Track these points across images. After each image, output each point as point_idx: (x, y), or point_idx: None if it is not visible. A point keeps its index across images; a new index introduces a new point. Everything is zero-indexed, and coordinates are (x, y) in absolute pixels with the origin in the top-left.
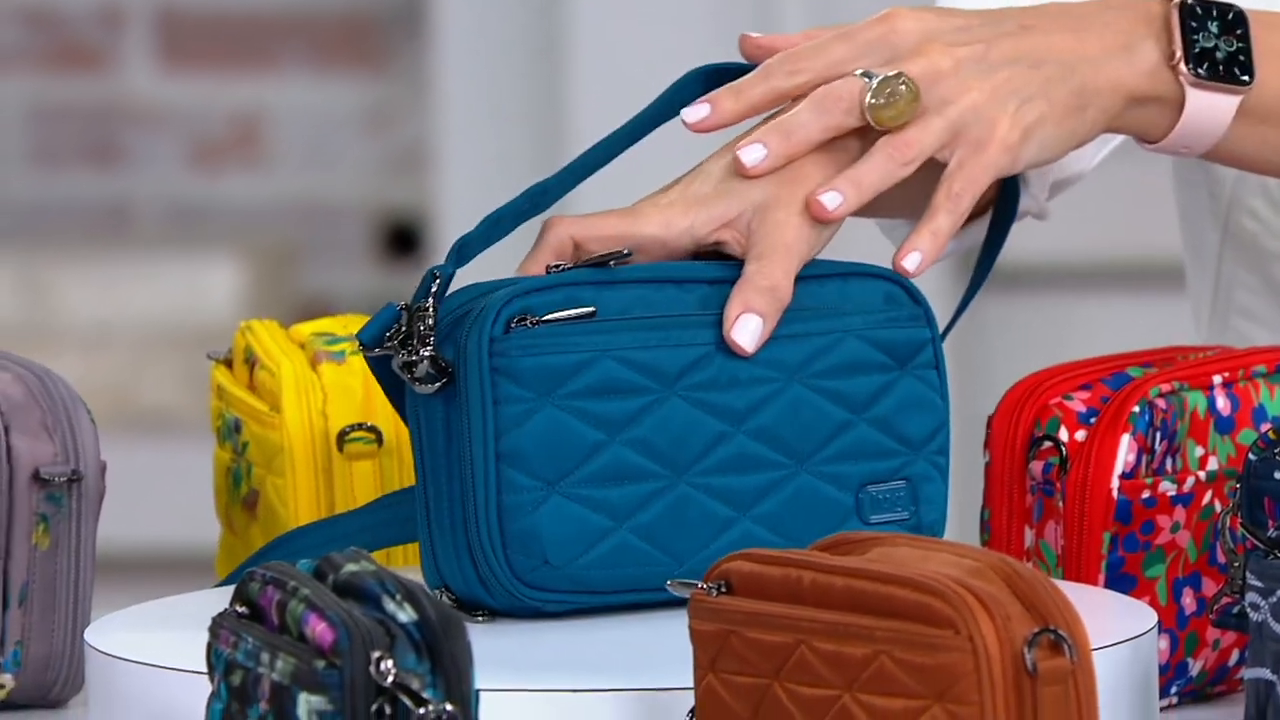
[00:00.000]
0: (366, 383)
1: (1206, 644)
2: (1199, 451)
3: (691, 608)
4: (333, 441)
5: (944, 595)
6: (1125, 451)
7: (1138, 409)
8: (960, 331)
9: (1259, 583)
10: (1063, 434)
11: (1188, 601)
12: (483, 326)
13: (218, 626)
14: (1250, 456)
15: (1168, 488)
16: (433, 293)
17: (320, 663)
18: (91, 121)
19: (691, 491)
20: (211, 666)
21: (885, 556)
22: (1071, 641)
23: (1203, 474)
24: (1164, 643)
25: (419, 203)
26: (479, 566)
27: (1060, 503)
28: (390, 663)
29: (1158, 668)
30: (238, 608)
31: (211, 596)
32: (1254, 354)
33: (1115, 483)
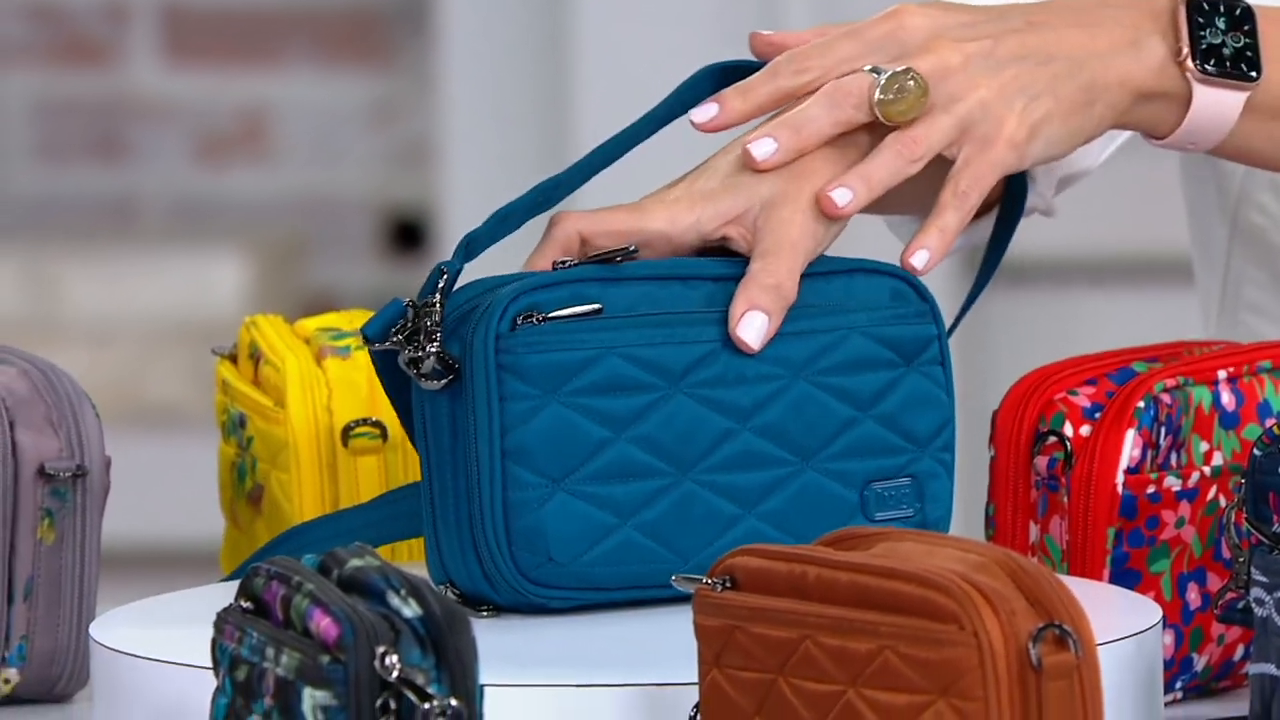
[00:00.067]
0: (371, 378)
1: (1211, 639)
2: (1204, 447)
3: (696, 603)
4: (337, 436)
5: (949, 590)
6: (1130, 447)
7: (1142, 404)
8: (965, 326)
9: (1264, 578)
10: (1067, 429)
11: (1192, 596)
12: (489, 323)
13: (222, 621)
14: (1255, 452)
15: (1172, 483)
16: (440, 289)
17: (325, 658)
18: (97, 116)
19: (697, 489)
20: (216, 661)
21: (890, 552)
22: (1076, 637)
23: (1208, 469)
24: (1169, 638)
25: (424, 198)
26: (484, 563)
27: (1065, 498)
28: (395, 658)
29: (1162, 663)
30: (242, 603)
31: (216, 591)
32: (1259, 349)
33: (1120, 478)
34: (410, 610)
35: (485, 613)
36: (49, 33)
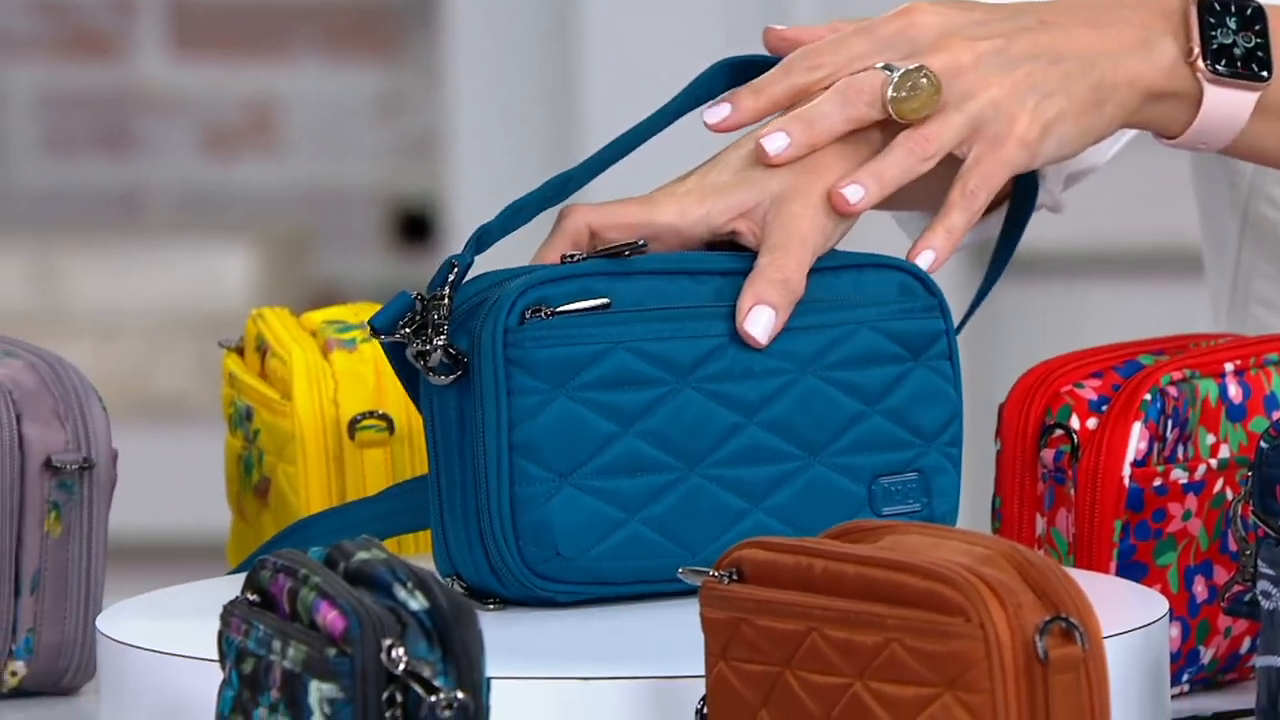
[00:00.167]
0: (378, 371)
1: (1218, 632)
2: (1210, 439)
3: (703, 596)
4: (344, 429)
5: (955, 583)
6: (1137, 439)
7: (1149, 397)
8: (973, 319)
9: (1270, 570)
10: (1074, 422)
11: (1199, 589)
12: (497, 317)
13: (229, 614)
14: (1262, 444)
15: (1179, 475)
16: (450, 282)
17: (331, 650)
18: (104, 108)
19: (704, 483)
20: (223, 654)
21: (896, 544)
22: (1083, 629)
23: (1214, 462)
24: (1175, 630)
25: (431, 190)
26: (491, 557)
27: (1072, 490)
28: (401, 651)
29: (1169, 655)
30: (249, 595)
31: (223, 584)
32: (1266, 341)
33: (1127, 470)
34: (417, 603)
35: (492, 606)
36: (56, 25)
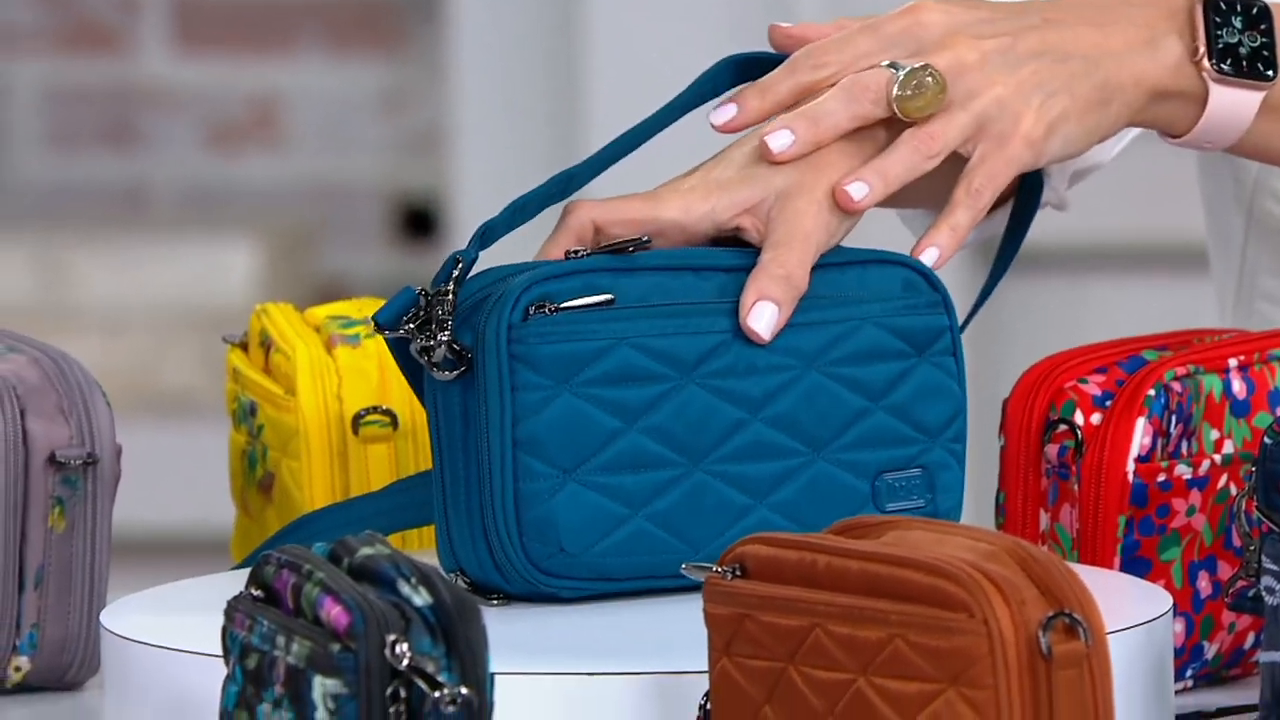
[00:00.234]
0: (381, 366)
1: (1222, 627)
2: (1214, 435)
3: (706, 591)
4: (348, 425)
5: (958, 579)
6: (1140, 435)
7: (1153, 392)
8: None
9: (1274, 566)
10: (1078, 417)
11: (1203, 585)
12: (501, 313)
13: (233, 610)
14: (1266, 440)
15: (1183, 471)
16: (454, 278)
17: (335, 646)
18: (108, 103)
19: (708, 479)
20: (227, 650)
21: (900, 540)
22: (1086, 625)
23: (1218, 457)
24: (1179, 626)
25: (435, 185)
26: (495, 553)
27: (1075, 486)
28: (405, 646)
29: (1173, 651)
30: (253, 591)
31: (227, 580)
32: (1270, 337)
33: (1130, 466)
34: (421, 599)
35: (496, 601)
36: (60, 20)
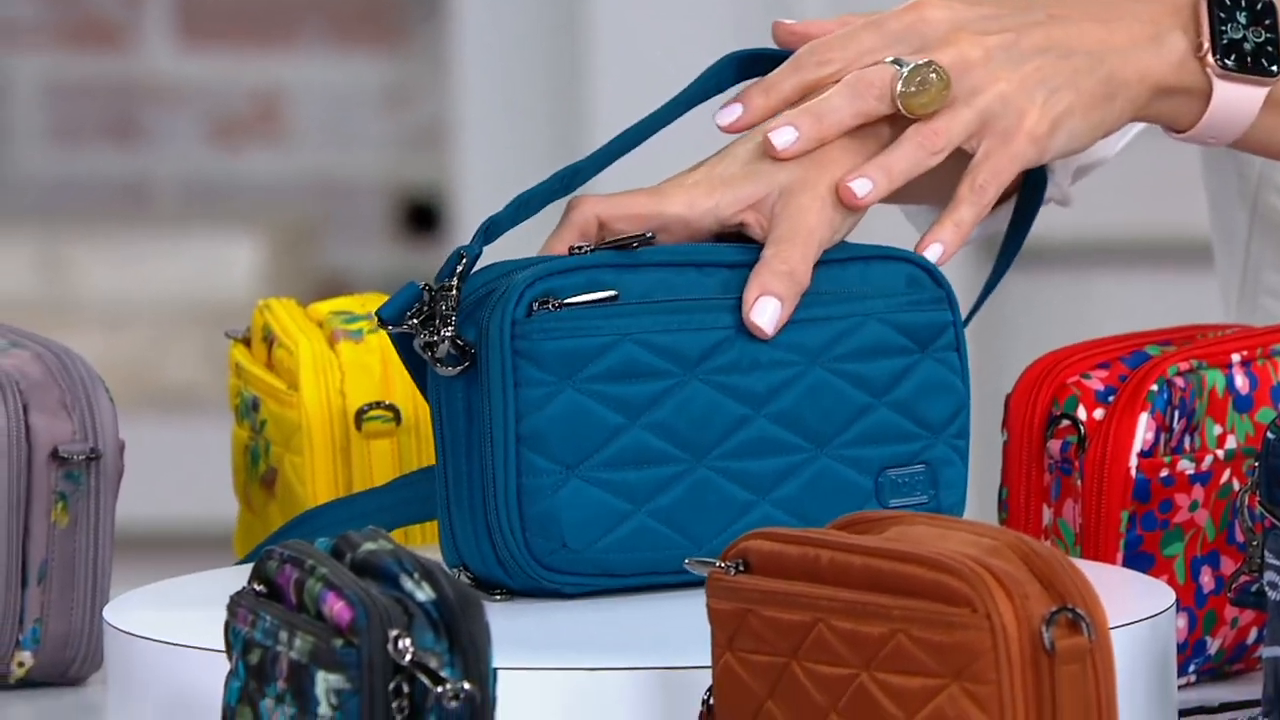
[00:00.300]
0: (384, 361)
1: (1225, 622)
2: (1217, 430)
3: (709, 586)
4: (351, 420)
5: (961, 574)
6: (1143, 430)
7: (1156, 387)
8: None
9: (1277, 561)
10: (1081, 412)
11: (1206, 580)
12: (505, 309)
13: (236, 605)
14: (1269, 435)
15: (1186, 466)
16: (458, 273)
17: (338, 641)
18: (111, 98)
19: (711, 475)
20: (229, 645)
21: (903, 535)
22: (1089, 620)
23: (1221, 452)
24: (1182, 621)
25: (437, 180)
26: (498, 548)
27: (1078, 481)
28: (408, 641)
29: (1176, 646)
30: (256, 586)
31: (230, 575)
32: (1273, 332)
33: (1133, 461)
34: (424, 594)
35: (499, 597)
36: (63, 14)
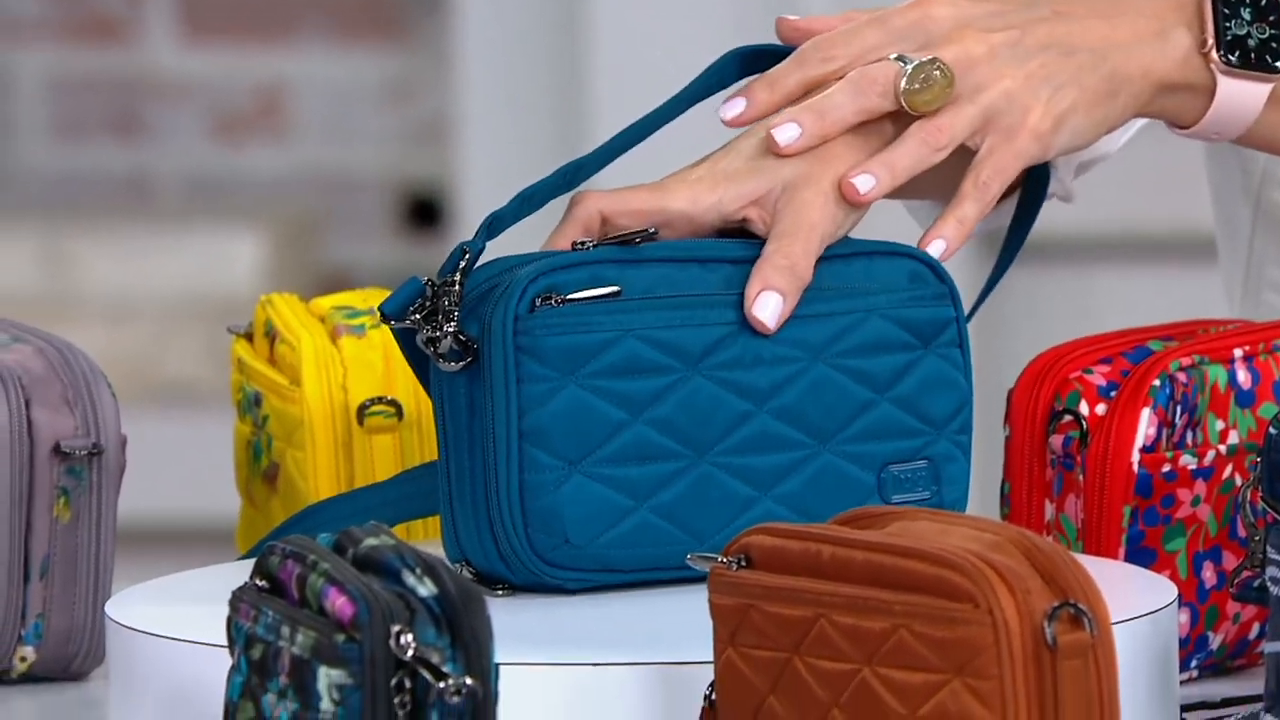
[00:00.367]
0: (387, 356)
1: (1227, 617)
2: (1219, 425)
3: (711, 582)
4: (353, 415)
5: (963, 569)
6: (1145, 425)
7: (1158, 382)
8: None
9: (1279, 556)
10: (1083, 408)
11: (1208, 575)
12: (508, 304)
13: (238, 600)
14: (1271, 430)
15: (1188, 461)
16: (460, 268)
17: (340, 636)
18: (113, 93)
19: (713, 471)
20: (231, 640)
21: (905, 531)
22: (1091, 615)
23: (1223, 448)
24: (1184, 616)
25: (440, 175)
26: (500, 544)
27: (1080, 476)
28: (410, 637)
29: (1178, 641)
30: (258, 581)
31: (232, 570)
32: (1275, 327)
33: (1135, 456)
34: (425, 589)
35: (501, 592)
36: (65, 9)
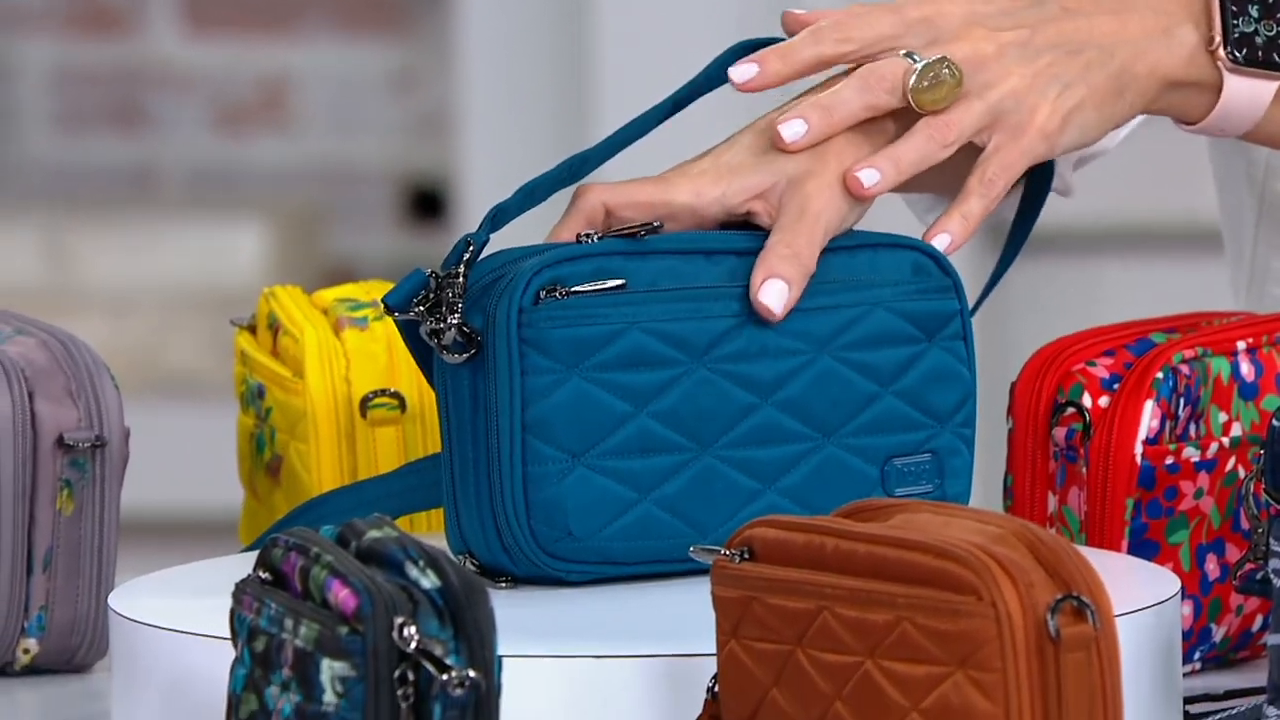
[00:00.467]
0: (390, 349)
1: (1229, 610)
2: (1222, 417)
3: (714, 574)
4: (356, 407)
5: (966, 561)
6: (1149, 417)
7: (1161, 375)
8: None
9: None
10: (1086, 400)
11: (1211, 567)
12: (512, 297)
13: (241, 592)
14: (1274, 422)
15: (1191, 454)
16: (464, 260)
17: (343, 629)
18: (117, 85)
19: (717, 464)
20: (235, 632)
21: (908, 523)
22: (1094, 608)
23: (1226, 440)
24: (1187, 609)
25: (443, 167)
26: (503, 535)
27: (1083, 469)
28: (413, 629)
29: (1181, 634)
30: (261, 574)
31: (235, 562)
32: (1278, 319)
33: (1139, 448)
34: (428, 581)
35: (503, 584)
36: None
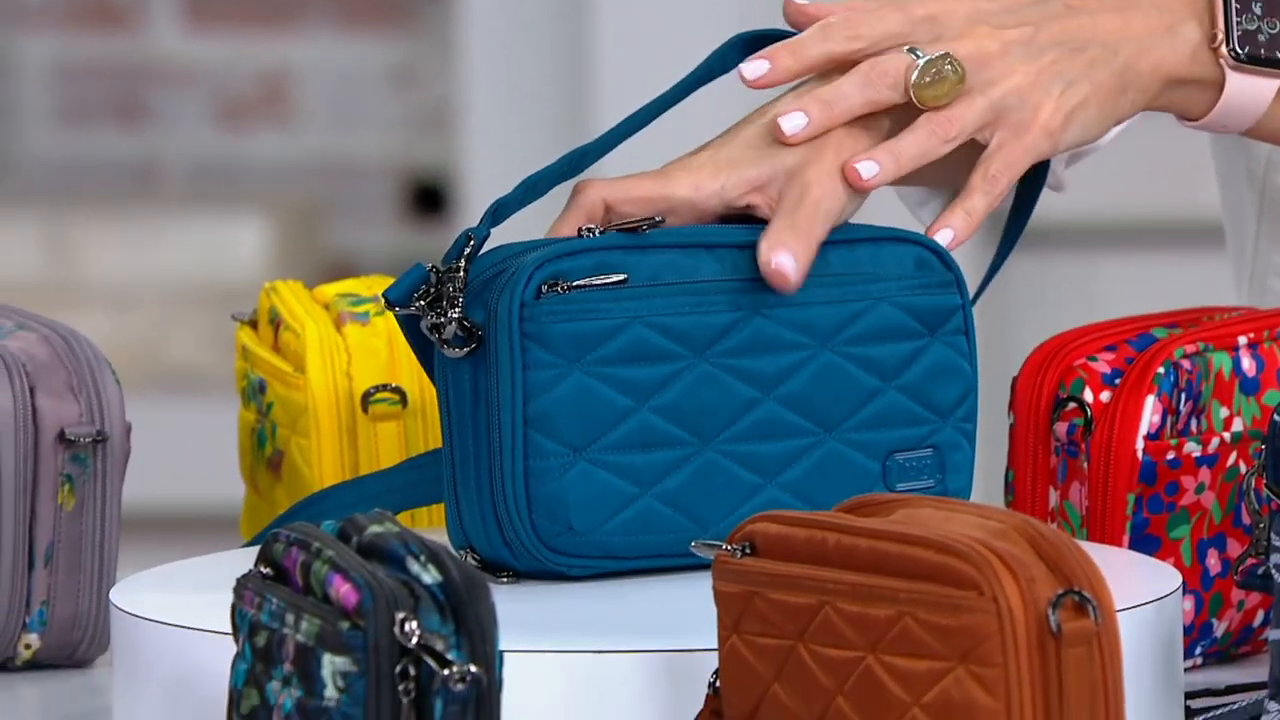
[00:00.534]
0: (391, 344)
1: (1231, 605)
2: (1224, 412)
3: (715, 569)
4: (357, 402)
5: (968, 557)
6: (1150, 412)
7: (1162, 370)
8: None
9: None
10: (1087, 395)
11: (1212, 562)
12: (514, 291)
13: (242, 587)
14: (1275, 417)
15: (1192, 449)
16: (465, 254)
17: (344, 624)
18: (118, 79)
19: (718, 458)
20: (236, 627)
21: (909, 518)
22: (1096, 603)
23: (1227, 435)
24: (1188, 604)
25: (444, 162)
26: (504, 530)
27: (1085, 464)
28: (414, 624)
29: (1182, 629)
30: (262, 569)
31: (237, 557)
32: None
33: (1140, 444)
34: (430, 576)
35: (505, 579)
36: None
